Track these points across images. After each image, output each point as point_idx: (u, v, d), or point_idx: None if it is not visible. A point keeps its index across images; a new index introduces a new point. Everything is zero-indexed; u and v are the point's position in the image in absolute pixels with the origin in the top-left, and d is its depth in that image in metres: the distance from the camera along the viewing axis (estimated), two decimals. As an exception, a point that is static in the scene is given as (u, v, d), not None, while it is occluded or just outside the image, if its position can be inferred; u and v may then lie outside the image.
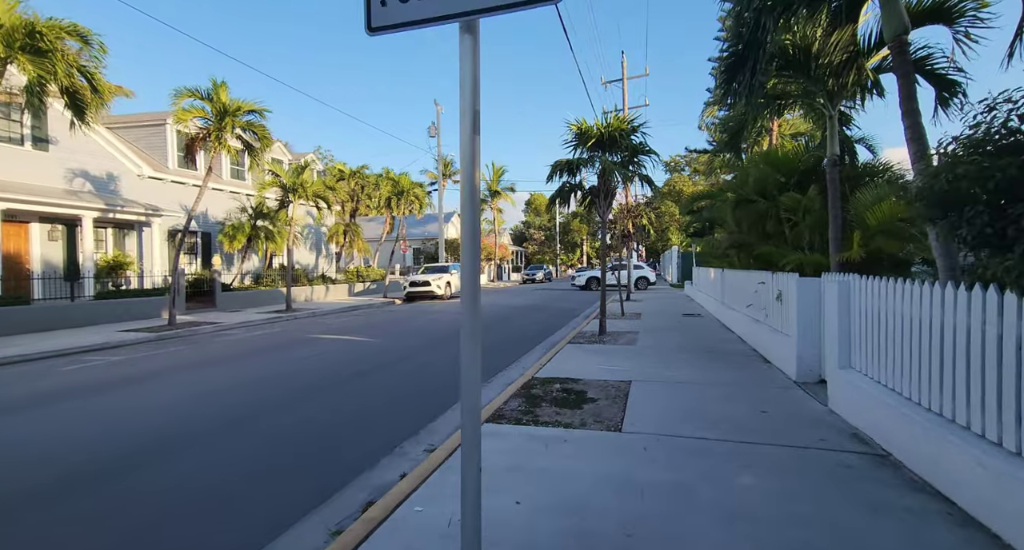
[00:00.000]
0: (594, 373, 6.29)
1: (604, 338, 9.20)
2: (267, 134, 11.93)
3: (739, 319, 9.26)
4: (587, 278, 26.87)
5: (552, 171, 9.39)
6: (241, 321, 12.90)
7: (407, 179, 21.74)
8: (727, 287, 11.32)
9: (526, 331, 11.28)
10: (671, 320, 12.06)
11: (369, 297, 22.20)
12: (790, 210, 7.14)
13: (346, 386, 6.32)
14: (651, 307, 15.61)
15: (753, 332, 7.95)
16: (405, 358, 8.03)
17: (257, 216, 17.09)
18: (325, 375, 6.91)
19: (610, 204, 9.50)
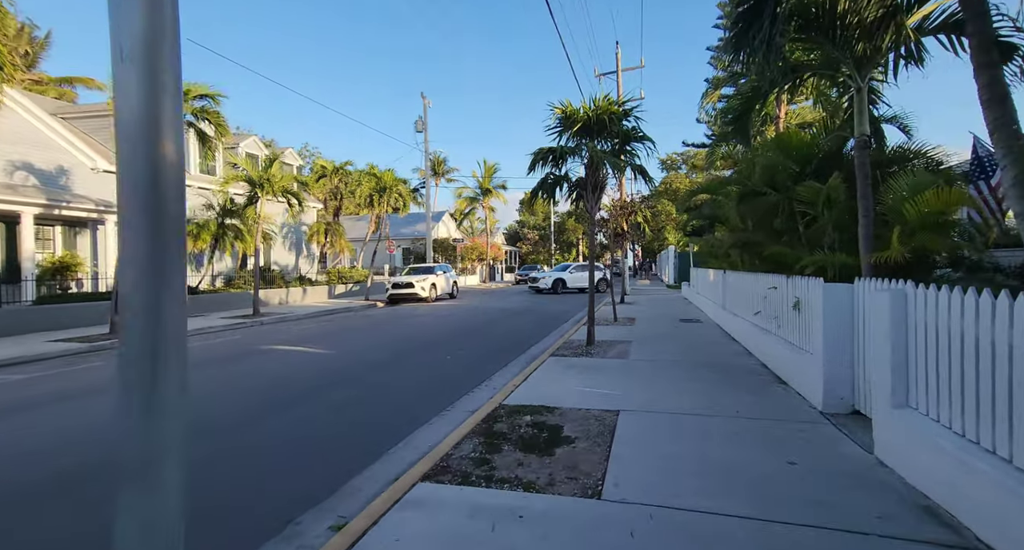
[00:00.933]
0: (575, 398, 5.19)
1: (592, 350, 8.11)
2: (222, 122, 10.81)
3: (744, 328, 8.19)
4: (553, 280, 23.17)
5: (533, 161, 8.29)
6: (199, 328, 11.74)
7: (390, 175, 20.60)
8: (729, 291, 10.25)
9: (507, 339, 10.18)
10: (667, 327, 10.99)
11: (350, 299, 21.05)
12: (807, 203, 6.07)
13: (254, 428, 5.20)
14: (646, 311, 14.54)
15: (762, 344, 6.87)
16: (353, 379, 6.89)
17: (225, 213, 15.92)
18: (238, 407, 5.78)
19: (599, 198, 8.41)
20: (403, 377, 6.87)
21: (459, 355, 8.55)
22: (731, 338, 9.09)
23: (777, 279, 6.47)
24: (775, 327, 6.51)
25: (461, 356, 8.46)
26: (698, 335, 9.62)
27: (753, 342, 7.44)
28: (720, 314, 11.00)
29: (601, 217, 12.52)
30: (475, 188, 38.40)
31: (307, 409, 5.42)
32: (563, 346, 8.63)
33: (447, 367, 7.56)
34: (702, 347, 8.23)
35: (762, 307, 7.23)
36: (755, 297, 7.72)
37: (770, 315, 6.81)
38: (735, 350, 7.91)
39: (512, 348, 9.02)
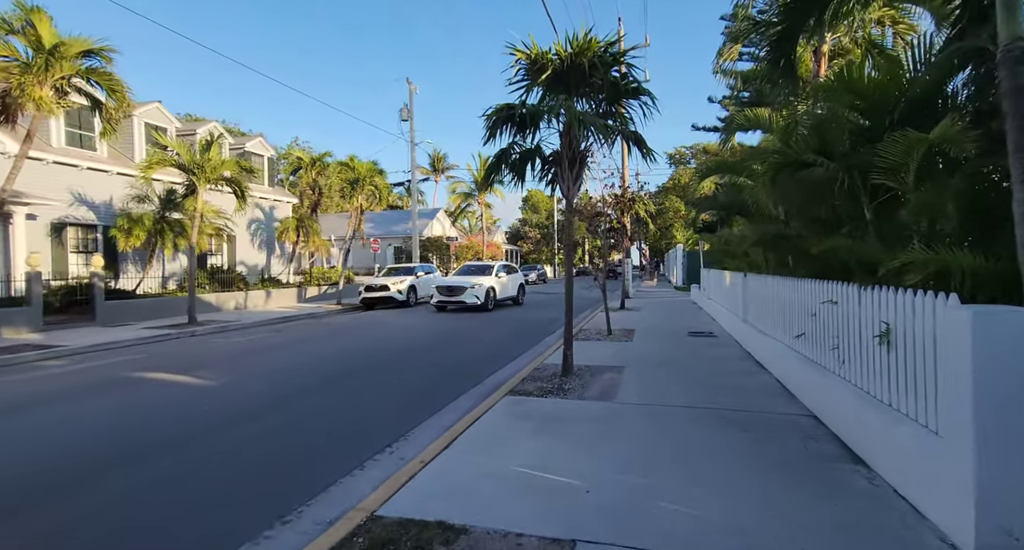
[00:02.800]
0: (507, 502, 3.02)
1: (568, 383, 5.92)
2: (119, 86, 8.75)
3: (777, 353, 5.97)
4: (486, 290, 15.42)
5: (491, 126, 6.07)
6: (105, 342, 9.72)
7: (364, 165, 18.50)
8: (752, 299, 8.02)
9: (467, 360, 8.03)
10: (673, 344, 8.76)
11: (321, 304, 18.99)
12: (888, 171, 3.84)
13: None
14: (649, 319, 12.31)
15: (813, 386, 4.64)
16: (202, 435, 4.78)
17: (165, 206, 13.91)
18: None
19: (578, 176, 6.21)
20: (278, 433, 4.73)
21: (391, 386, 6.40)
22: (756, 363, 6.85)
23: (835, 289, 4.25)
24: (835, 362, 4.29)
25: (393, 388, 6.31)
26: (713, 358, 7.39)
27: (796, 378, 5.21)
28: (739, 327, 8.76)
29: (596, 210, 10.32)
30: (470, 183, 36.25)
31: (78, 505, 3.30)
32: (532, 375, 6.45)
33: (355, 411, 5.41)
34: (720, 380, 6.01)
35: (810, 329, 5.01)
36: (795, 312, 5.50)
37: (824, 342, 4.59)
38: (766, 385, 5.68)
39: (465, 375, 6.85)
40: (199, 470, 3.81)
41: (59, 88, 8.05)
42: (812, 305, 4.91)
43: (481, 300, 15.15)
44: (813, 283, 4.90)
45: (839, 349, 4.18)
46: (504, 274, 17.52)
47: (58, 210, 13.42)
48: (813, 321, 4.89)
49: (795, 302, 5.50)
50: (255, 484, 3.59)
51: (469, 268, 17.86)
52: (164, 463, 3.97)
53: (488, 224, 41.88)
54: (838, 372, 4.22)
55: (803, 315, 5.23)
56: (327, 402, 5.68)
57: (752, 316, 8.00)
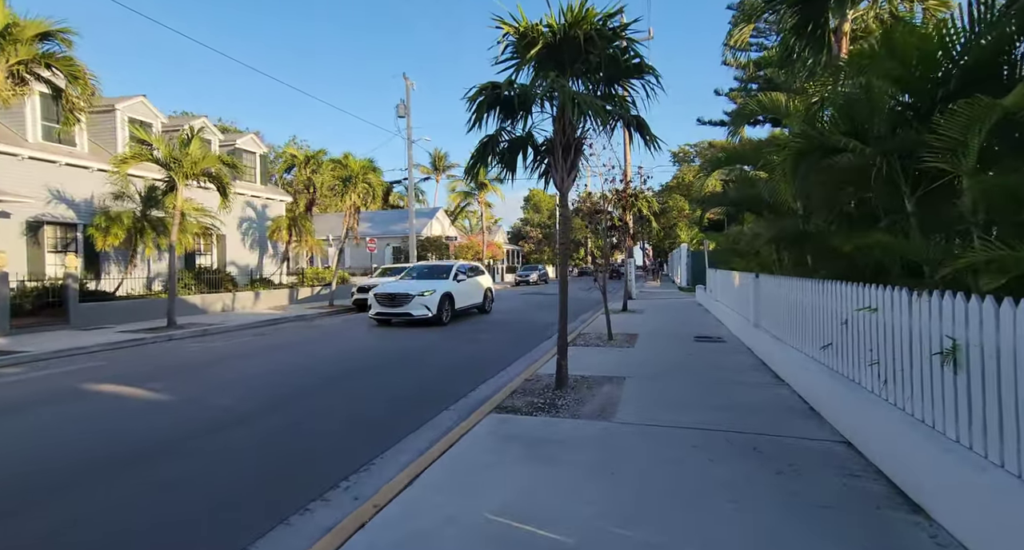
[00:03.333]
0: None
1: (561, 398, 5.26)
2: (80, 72, 8.13)
3: (798, 363, 5.29)
4: (440, 298, 12.01)
5: (475, 110, 5.41)
6: (71, 347, 9.12)
7: (357, 162, 17.88)
8: (765, 302, 7.35)
9: (453, 370, 7.37)
10: (679, 350, 8.09)
11: (313, 305, 18.39)
12: (943, 151, 3.17)
13: None
14: (652, 322, 11.63)
15: (848, 406, 3.96)
16: (94, 476, 4.15)
17: (147, 203, 13.32)
18: None
19: (573, 166, 5.54)
20: (214, 464, 4.08)
21: (368, 401, 5.75)
22: (772, 374, 6.17)
23: (874, 294, 3.58)
24: (874, 381, 3.62)
25: (369, 403, 5.66)
26: (723, 367, 6.71)
27: (822, 395, 4.54)
28: (750, 332, 8.09)
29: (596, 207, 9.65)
30: (469, 183, 35.59)
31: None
32: (522, 387, 5.79)
33: (318, 432, 4.77)
34: (733, 394, 5.33)
35: (839, 338, 4.34)
36: (819, 319, 4.83)
37: (859, 355, 3.92)
38: (785, 400, 5.00)
39: (447, 389, 6.20)
40: (86, 520, 3.14)
41: (15, 74, 7.47)
42: (843, 311, 4.24)
43: (433, 311, 11.79)
44: (844, 286, 4.22)
45: (880, 366, 3.51)
46: (466, 276, 14.03)
47: (34, 208, 12.84)
48: (844, 330, 4.22)
49: (819, 307, 4.83)
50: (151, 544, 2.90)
51: (422, 270, 14.31)
52: (56, 506, 3.33)
53: (488, 223, 41.25)
54: (879, 393, 3.54)
55: (830, 322, 4.56)
56: (289, 420, 5.04)
57: (766, 321, 7.33)
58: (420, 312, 11.79)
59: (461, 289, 13.41)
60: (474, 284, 14.41)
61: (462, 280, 13.68)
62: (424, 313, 11.80)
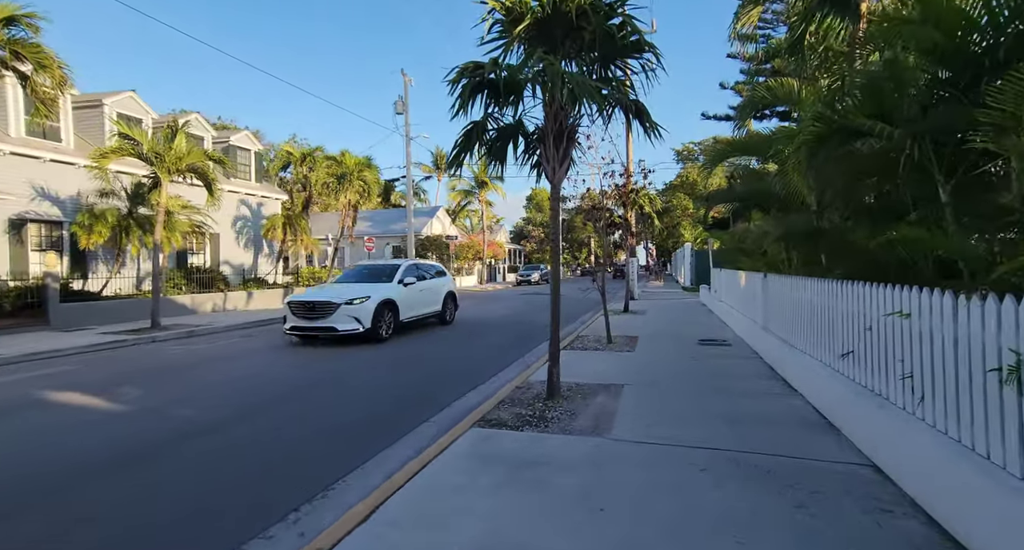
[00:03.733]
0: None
1: (551, 410, 4.79)
2: (49, 60, 7.73)
3: (811, 370, 4.82)
4: (374, 308, 9.40)
5: (460, 95, 4.94)
6: (47, 350, 8.74)
7: (353, 159, 17.47)
8: (775, 304, 6.86)
9: (436, 377, 6.92)
10: (683, 354, 7.61)
11: (307, 305, 17.99)
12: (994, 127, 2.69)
13: None
14: (654, 324, 11.15)
15: (873, 425, 3.48)
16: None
17: (133, 201, 12.94)
18: None
19: (565, 155, 5.07)
20: (161, 485, 3.65)
21: (341, 409, 5.31)
22: (783, 382, 5.69)
23: (905, 297, 3.10)
24: (906, 396, 3.14)
25: (343, 412, 5.22)
26: (729, 374, 6.23)
27: (842, 409, 4.05)
28: (758, 336, 7.61)
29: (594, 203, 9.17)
30: (470, 180, 35.18)
31: None
32: (511, 396, 5.33)
33: (282, 445, 4.33)
34: (741, 405, 4.86)
35: (861, 346, 3.85)
36: (838, 323, 4.35)
37: (887, 366, 3.44)
38: (799, 413, 4.52)
39: (433, 397, 5.75)
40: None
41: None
42: (866, 315, 3.76)
43: (365, 324, 9.22)
44: (868, 288, 3.74)
45: (915, 380, 3.03)
46: (416, 279, 11.10)
47: (17, 205, 12.48)
48: (867, 337, 3.74)
49: (838, 310, 4.35)
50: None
51: (361, 272, 11.53)
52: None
53: (490, 222, 40.79)
54: (914, 411, 3.07)
55: (850, 328, 4.08)
56: (250, 434, 4.60)
57: (775, 324, 6.84)
58: (347, 326, 9.20)
59: (408, 295, 10.63)
60: (428, 288, 11.65)
61: (410, 284, 10.87)
62: (353, 327, 9.21)
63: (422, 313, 11.34)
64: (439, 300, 12.06)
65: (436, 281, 12.19)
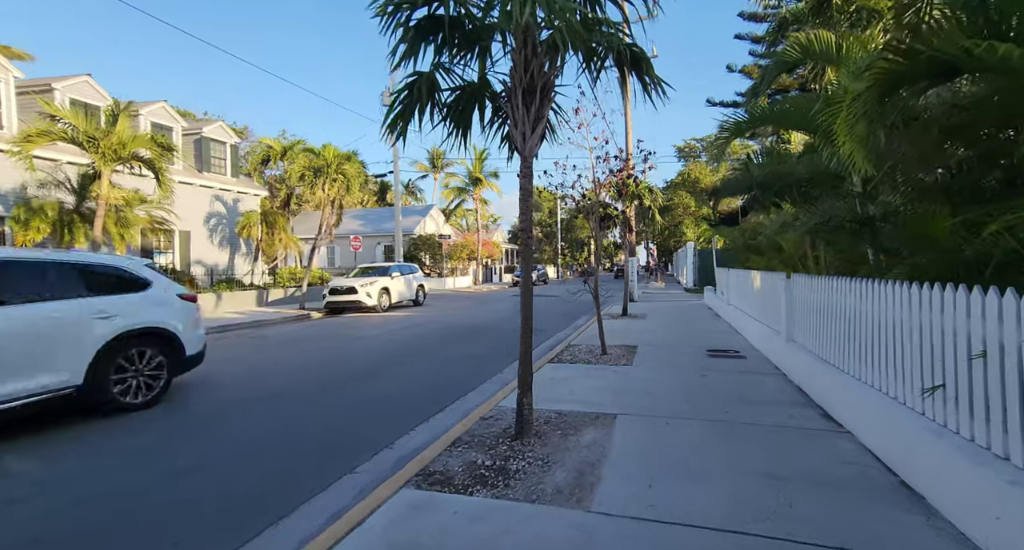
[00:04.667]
0: None
1: (516, 458, 3.54)
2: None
3: (870, 405, 3.58)
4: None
5: (400, 36, 3.72)
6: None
7: (332, 151, 16.26)
8: (801, 311, 5.62)
9: (386, 405, 5.68)
10: (689, 370, 6.36)
11: (281, 308, 16.79)
12: None
13: None
14: (655, 331, 9.90)
15: (1008, 508, 2.25)
16: None
17: (81, 193, 11.71)
18: None
19: (540, 118, 3.85)
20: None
21: (247, 463, 4.09)
22: (816, 407, 4.46)
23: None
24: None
25: (247, 467, 4.00)
26: (750, 398, 4.98)
27: (930, 469, 2.81)
28: (779, 348, 6.38)
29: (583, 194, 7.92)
30: (464, 177, 33.94)
31: None
32: (471, 432, 4.10)
33: (123, 527, 3.09)
34: (772, 446, 3.61)
35: (964, 381, 2.62)
36: (914, 344, 3.11)
37: (1015, 412, 2.20)
38: (853, 460, 3.28)
39: (371, 433, 4.52)
40: None
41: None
42: (973, 335, 2.52)
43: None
44: (984, 296, 2.51)
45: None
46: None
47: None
48: (974, 367, 2.51)
49: (914, 326, 3.11)
50: None
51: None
52: None
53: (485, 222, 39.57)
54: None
55: (938, 350, 2.84)
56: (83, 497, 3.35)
57: (804, 335, 5.60)
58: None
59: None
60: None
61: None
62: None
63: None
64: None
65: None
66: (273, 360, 8.24)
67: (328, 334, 11.17)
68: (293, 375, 7.00)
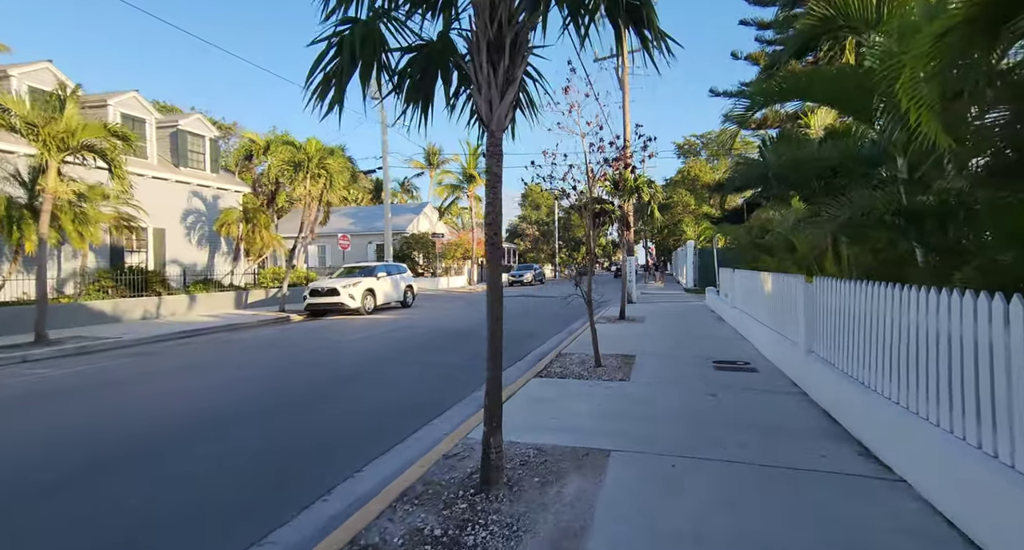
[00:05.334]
0: None
1: (474, 523, 2.69)
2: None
3: (930, 441, 2.76)
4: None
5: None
6: None
7: (314, 144, 15.39)
8: (828, 321, 4.78)
9: (331, 436, 4.84)
10: (694, 387, 5.53)
11: (260, 310, 15.96)
12: None
13: None
14: (655, 337, 9.07)
15: None
16: None
17: (32, 187, 10.84)
18: None
19: (510, 82, 3.02)
20: None
21: (172, 501, 3.25)
22: (852, 441, 3.63)
23: None
24: None
25: (167, 510, 3.16)
26: (771, 427, 4.15)
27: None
28: (797, 360, 5.56)
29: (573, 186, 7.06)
30: (458, 174, 33.06)
31: None
32: (425, 480, 3.26)
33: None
34: (812, 497, 2.79)
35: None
36: (1002, 372, 2.27)
37: None
38: (925, 531, 2.46)
39: (298, 482, 3.68)
40: None
41: None
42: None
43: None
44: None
45: None
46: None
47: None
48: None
49: (1008, 349, 2.28)
50: None
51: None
52: None
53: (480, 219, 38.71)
54: None
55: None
56: None
57: (830, 348, 4.78)
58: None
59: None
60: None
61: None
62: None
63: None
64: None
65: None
66: (223, 373, 7.40)
67: (301, 340, 10.33)
68: (238, 391, 6.15)
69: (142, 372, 7.40)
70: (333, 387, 6.31)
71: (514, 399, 5.22)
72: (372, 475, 3.62)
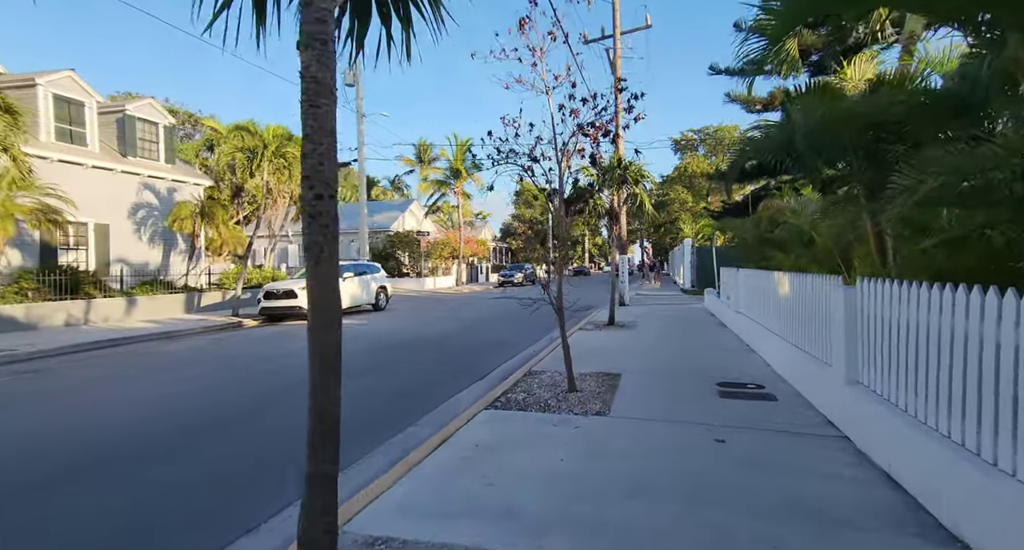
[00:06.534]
0: None
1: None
2: None
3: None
4: None
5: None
6: None
7: (272, 130, 13.86)
8: (901, 348, 3.30)
9: (210, 487, 3.34)
10: (694, 426, 4.04)
11: (211, 315, 14.41)
12: None
13: None
14: (647, 347, 7.59)
15: None
16: None
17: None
18: None
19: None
20: None
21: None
22: (950, 537, 2.16)
23: None
24: None
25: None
26: (814, 510, 2.65)
27: None
28: (832, 389, 4.08)
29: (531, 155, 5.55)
30: (444, 169, 31.55)
31: None
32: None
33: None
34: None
35: None
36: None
37: None
38: None
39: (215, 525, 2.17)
40: None
41: None
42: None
43: None
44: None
45: None
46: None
47: None
48: None
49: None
50: None
51: None
52: None
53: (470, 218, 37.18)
54: None
55: None
56: None
57: (892, 384, 3.29)
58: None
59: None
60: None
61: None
62: None
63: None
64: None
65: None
66: (92, 405, 5.88)
67: (235, 353, 8.82)
68: (80, 437, 4.64)
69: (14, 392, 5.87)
70: (188, 439, 4.77)
71: (446, 446, 3.74)
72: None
